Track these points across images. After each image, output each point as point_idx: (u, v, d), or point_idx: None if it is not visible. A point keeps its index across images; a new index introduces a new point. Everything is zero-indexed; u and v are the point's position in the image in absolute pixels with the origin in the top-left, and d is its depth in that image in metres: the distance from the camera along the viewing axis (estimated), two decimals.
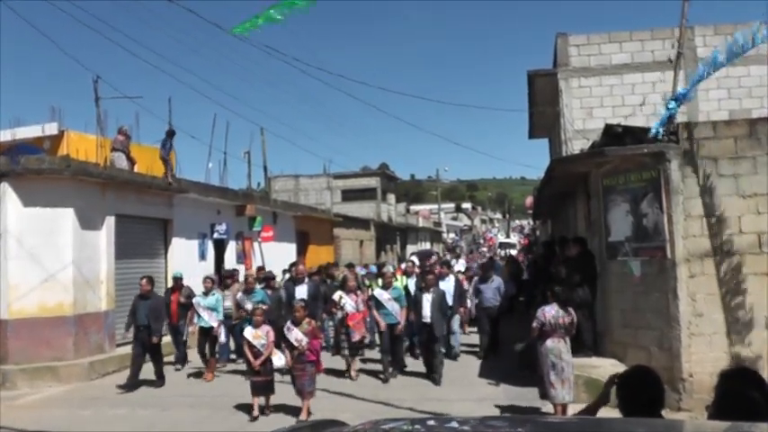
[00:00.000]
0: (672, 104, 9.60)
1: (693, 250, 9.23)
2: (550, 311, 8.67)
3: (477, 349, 14.52)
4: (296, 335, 9.31)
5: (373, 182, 45.75)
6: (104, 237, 14.11)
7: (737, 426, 2.72)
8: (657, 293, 9.40)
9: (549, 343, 8.67)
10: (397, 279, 14.13)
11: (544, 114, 19.55)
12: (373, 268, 19.45)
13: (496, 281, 14.65)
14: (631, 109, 16.02)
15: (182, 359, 13.83)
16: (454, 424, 3.02)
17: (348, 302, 12.33)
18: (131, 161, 16.29)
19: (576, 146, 15.75)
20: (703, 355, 9.07)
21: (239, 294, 13.30)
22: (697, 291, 9.17)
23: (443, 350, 12.75)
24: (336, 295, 12.55)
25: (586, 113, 16.63)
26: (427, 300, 11.84)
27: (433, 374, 11.77)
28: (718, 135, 9.35)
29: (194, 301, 12.89)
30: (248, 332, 9.82)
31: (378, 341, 13.74)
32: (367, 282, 16.13)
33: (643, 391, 3.51)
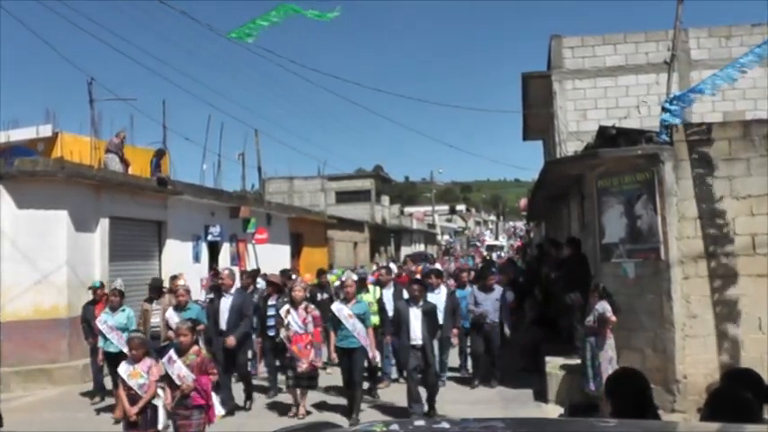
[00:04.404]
0: (671, 106, 9.62)
1: (687, 252, 9.24)
2: (602, 307, 8.91)
3: (459, 374, 12.44)
4: (179, 369, 6.94)
5: (367, 184, 45.79)
6: (98, 239, 14.09)
7: (728, 427, 2.74)
8: (651, 295, 9.41)
9: (610, 338, 8.92)
10: (368, 291, 11.82)
11: (538, 116, 19.59)
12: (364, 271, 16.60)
13: (497, 290, 11.97)
14: (625, 111, 16.06)
15: (99, 388, 11.33)
16: (445, 425, 3.03)
17: (294, 320, 9.51)
18: (125, 163, 16.30)
19: (570, 148, 15.77)
20: (697, 356, 9.08)
21: (169, 310, 10.41)
22: (691, 292, 9.19)
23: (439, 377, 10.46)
24: (283, 310, 9.75)
25: (580, 115, 16.66)
26: (415, 316, 9.40)
27: (414, 406, 9.29)
28: (713, 137, 9.37)
29: (98, 319, 10.48)
30: (123, 368, 7.34)
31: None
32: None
33: (631, 391, 3.54)
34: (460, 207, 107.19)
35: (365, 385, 10.40)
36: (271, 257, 22.37)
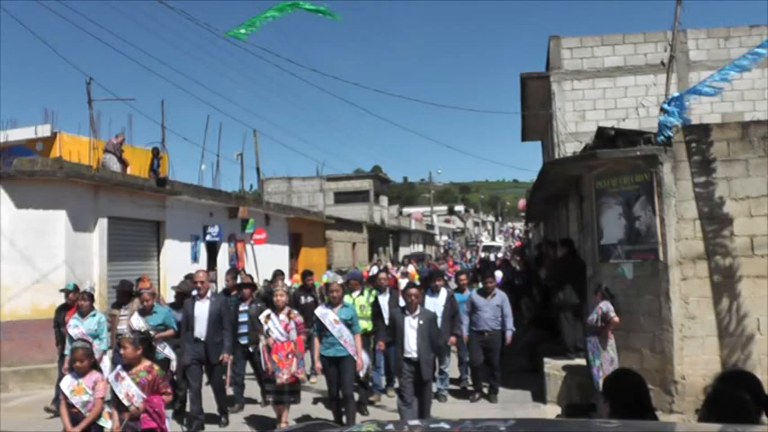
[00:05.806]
0: (670, 107, 9.62)
1: (686, 253, 9.25)
2: (606, 307, 8.90)
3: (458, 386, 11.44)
4: (127, 387, 6.12)
5: (366, 184, 45.83)
6: (97, 239, 14.09)
7: (727, 428, 2.74)
8: (650, 296, 9.42)
9: (611, 339, 8.92)
10: (363, 293, 10.71)
11: (537, 117, 19.58)
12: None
13: (498, 296, 10.92)
14: (624, 112, 16.06)
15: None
16: (442, 425, 3.03)
17: (275, 327, 8.45)
18: (124, 163, 16.30)
19: (569, 148, 15.76)
20: (696, 357, 9.09)
21: (134, 315, 9.70)
22: (689, 293, 9.19)
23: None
24: (263, 315, 8.68)
25: (579, 116, 16.66)
26: (411, 326, 8.35)
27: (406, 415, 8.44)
28: (711, 138, 9.37)
29: (69, 324, 9.68)
30: (66, 383, 6.59)
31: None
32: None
33: (629, 392, 3.54)
34: (459, 208, 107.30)
35: (355, 397, 9.35)
36: (269, 258, 22.41)
